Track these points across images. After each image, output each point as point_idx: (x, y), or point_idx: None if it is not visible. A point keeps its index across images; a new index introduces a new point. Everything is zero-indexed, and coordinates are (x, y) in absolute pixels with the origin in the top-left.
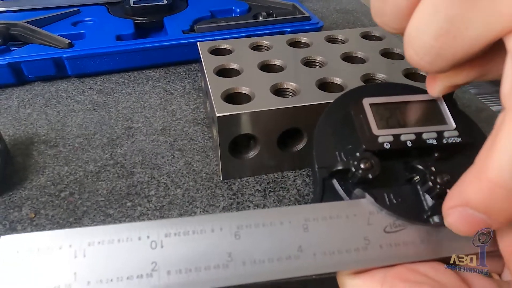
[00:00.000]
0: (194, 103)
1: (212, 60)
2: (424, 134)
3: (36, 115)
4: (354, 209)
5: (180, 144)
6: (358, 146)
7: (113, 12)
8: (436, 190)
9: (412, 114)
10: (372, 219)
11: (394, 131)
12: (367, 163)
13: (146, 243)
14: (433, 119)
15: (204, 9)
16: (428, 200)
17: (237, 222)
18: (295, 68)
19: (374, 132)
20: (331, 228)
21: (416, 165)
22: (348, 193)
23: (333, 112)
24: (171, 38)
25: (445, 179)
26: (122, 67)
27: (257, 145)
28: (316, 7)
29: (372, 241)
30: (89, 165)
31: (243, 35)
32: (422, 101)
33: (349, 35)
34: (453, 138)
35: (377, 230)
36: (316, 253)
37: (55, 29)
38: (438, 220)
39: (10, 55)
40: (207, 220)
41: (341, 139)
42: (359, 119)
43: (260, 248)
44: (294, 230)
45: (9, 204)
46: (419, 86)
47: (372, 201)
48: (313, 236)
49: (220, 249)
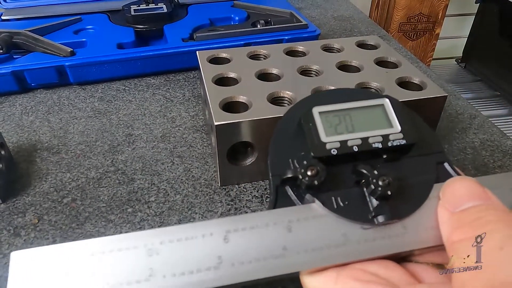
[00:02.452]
0: (193, 110)
1: (211, 69)
2: (370, 138)
3: (39, 122)
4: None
5: (180, 151)
6: (308, 153)
7: (114, 20)
8: (378, 192)
9: (359, 120)
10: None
11: (342, 137)
12: (313, 170)
13: (143, 251)
14: (379, 123)
15: (203, 17)
16: (373, 201)
17: (226, 227)
18: (291, 77)
19: (322, 139)
20: (312, 227)
21: (361, 169)
22: (300, 198)
23: (287, 122)
24: (171, 46)
25: (386, 181)
26: (123, 75)
27: (255, 152)
28: (314, 14)
29: (350, 237)
30: (90, 171)
31: (241, 43)
32: (370, 106)
33: (344, 44)
34: (398, 141)
35: (355, 227)
36: (299, 251)
37: (57, 37)
38: (382, 219)
39: (14, 63)
40: (197, 227)
41: (294, 147)
42: (309, 127)
43: (247, 250)
44: (278, 231)
45: (13, 210)
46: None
47: (320, 205)
48: (296, 236)
49: (211, 253)
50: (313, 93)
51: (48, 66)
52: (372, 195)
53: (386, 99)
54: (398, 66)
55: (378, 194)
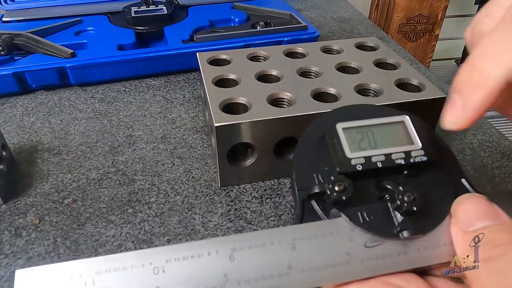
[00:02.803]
0: (193, 112)
1: (211, 70)
2: (393, 155)
3: (39, 123)
4: (335, 227)
5: (180, 152)
6: (333, 168)
7: (115, 21)
8: (404, 208)
9: (381, 136)
10: (353, 235)
11: (366, 153)
12: (340, 185)
13: (149, 269)
14: (401, 140)
15: (203, 19)
16: (398, 216)
17: (232, 245)
18: (291, 79)
19: (347, 155)
20: (316, 245)
21: (386, 185)
22: (326, 213)
23: (310, 136)
24: (171, 47)
25: (411, 198)
26: (123, 76)
27: (254, 153)
28: (314, 15)
29: (354, 256)
30: (91, 172)
31: (241, 44)
32: (390, 123)
33: (344, 45)
34: (420, 157)
35: (358, 246)
36: (304, 270)
37: (58, 38)
38: (407, 234)
39: (15, 64)
40: (203, 245)
41: (318, 161)
42: (333, 143)
43: (253, 268)
44: (283, 249)
45: (14, 210)
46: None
47: (347, 219)
48: (301, 254)
49: (217, 271)
50: (334, 108)
51: (49, 67)
52: (397, 210)
53: (407, 116)
54: (397, 67)
55: (403, 209)
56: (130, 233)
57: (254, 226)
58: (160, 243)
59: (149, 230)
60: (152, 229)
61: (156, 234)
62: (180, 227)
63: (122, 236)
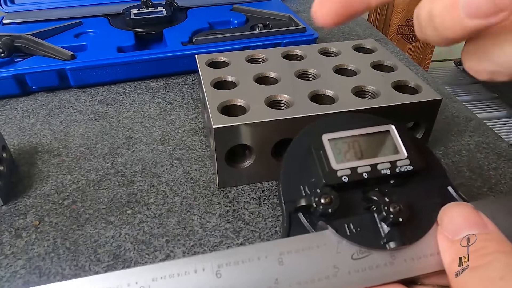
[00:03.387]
0: (192, 113)
1: (210, 72)
2: (379, 165)
3: (39, 125)
4: (322, 240)
5: (179, 153)
6: (319, 180)
7: (114, 23)
8: (390, 219)
9: (367, 146)
10: (340, 247)
11: (351, 164)
12: (327, 198)
13: None
14: (386, 150)
15: (202, 21)
16: (384, 227)
17: (218, 261)
18: (289, 81)
19: (333, 166)
20: (303, 259)
21: (372, 196)
22: (312, 225)
23: (297, 148)
24: (171, 49)
25: (397, 208)
26: (123, 78)
27: (252, 155)
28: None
29: (341, 268)
30: (91, 173)
31: (240, 46)
32: (376, 133)
33: (341, 48)
34: (405, 167)
35: (345, 258)
36: (291, 284)
37: (58, 41)
38: (394, 245)
39: (15, 66)
40: (189, 262)
41: (305, 173)
42: (319, 154)
43: (240, 284)
44: (270, 264)
45: (15, 211)
46: (377, 113)
47: (334, 232)
48: (288, 268)
49: (203, 287)
50: (319, 119)
51: (49, 69)
52: (384, 221)
53: (392, 126)
54: (394, 69)
55: (390, 221)
56: (129, 234)
57: (252, 227)
58: (158, 244)
59: (148, 231)
60: (151, 230)
61: (155, 235)
62: (178, 228)
63: (121, 237)
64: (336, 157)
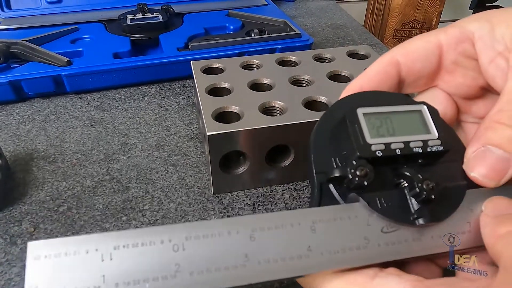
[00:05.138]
0: (188, 119)
1: (205, 79)
2: (411, 143)
3: (35, 131)
4: (354, 212)
5: (174, 160)
6: (352, 153)
7: (111, 29)
8: (422, 196)
9: (399, 123)
10: (371, 220)
11: (385, 140)
12: (363, 170)
13: (169, 246)
14: (418, 129)
15: (198, 26)
16: (414, 204)
17: (252, 226)
18: (283, 87)
19: (367, 140)
20: (335, 229)
21: (405, 172)
22: (343, 197)
23: (328, 120)
24: (166, 55)
25: (430, 186)
26: (119, 84)
27: (247, 161)
28: (308, 22)
29: (371, 240)
30: (86, 180)
31: (235, 52)
32: (409, 111)
33: (336, 54)
34: (436, 147)
35: (376, 231)
36: (323, 253)
37: (54, 46)
38: (423, 222)
39: (11, 73)
40: (226, 223)
41: (336, 145)
42: (354, 127)
43: (273, 249)
44: (303, 231)
45: (10, 218)
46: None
47: (365, 205)
48: (320, 236)
49: (238, 251)
50: (354, 93)
51: (45, 75)
52: (416, 198)
53: (424, 106)
54: None
55: (422, 197)
56: None
57: None
58: None
59: None
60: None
61: None
62: None
63: None
64: (371, 132)
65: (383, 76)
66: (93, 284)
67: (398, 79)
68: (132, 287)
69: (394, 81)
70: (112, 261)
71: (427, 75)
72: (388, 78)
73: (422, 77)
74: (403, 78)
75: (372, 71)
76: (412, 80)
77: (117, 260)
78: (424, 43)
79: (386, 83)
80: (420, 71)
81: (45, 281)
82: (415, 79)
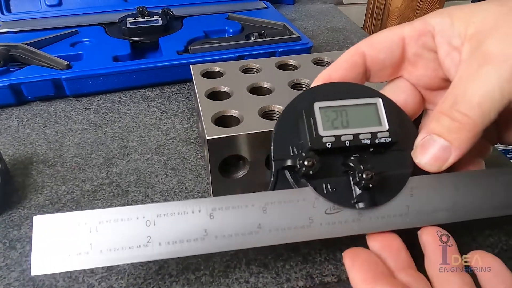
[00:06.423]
0: (187, 122)
1: (204, 83)
2: (361, 135)
3: (35, 134)
4: (302, 195)
5: (173, 163)
6: (306, 143)
7: (110, 32)
8: (362, 184)
9: (354, 116)
10: (316, 203)
11: (336, 132)
12: (310, 161)
13: (142, 222)
14: (370, 121)
15: (198, 30)
16: (357, 190)
17: (212, 205)
18: (282, 91)
19: (319, 133)
20: (284, 210)
21: (349, 162)
22: (296, 182)
23: (291, 111)
24: (166, 59)
25: (369, 176)
26: (118, 87)
27: (246, 165)
28: (307, 25)
29: (315, 220)
30: (85, 184)
31: (235, 55)
32: (364, 104)
33: (335, 57)
34: (384, 138)
35: (320, 212)
36: (271, 230)
37: (54, 50)
38: (362, 206)
39: (10, 76)
40: (188, 204)
41: (295, 135)
42: (309, 120)
43: (229, 226)
44: (256, 211)
45: (9, 223)
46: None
47: (312, 190)
48: (270, 216)
49: (199, 227)
50: (314, 86)
51: (44, 79)
52: (356, 185)
53: (380, 99)
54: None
55: (361, 185)
56: None
57: None
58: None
59: None
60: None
61: None
62: None
63: None
64: (324, 125)
65: (350, 66)
66: (84, 250)
67: (364, 69)
68: (112, 253)
69: (360, 70)
70: (98, 232)
71: (391, 66)
72: (354, 67)
73: (387, 67)
74: (369, 68)
75: (340, 61)
76: (377, 69)
77: (101, 232)
78: (389, 35)
79: (352, 72)
80: (384, 61)
81: (48, 247)
82: (380, 69)
